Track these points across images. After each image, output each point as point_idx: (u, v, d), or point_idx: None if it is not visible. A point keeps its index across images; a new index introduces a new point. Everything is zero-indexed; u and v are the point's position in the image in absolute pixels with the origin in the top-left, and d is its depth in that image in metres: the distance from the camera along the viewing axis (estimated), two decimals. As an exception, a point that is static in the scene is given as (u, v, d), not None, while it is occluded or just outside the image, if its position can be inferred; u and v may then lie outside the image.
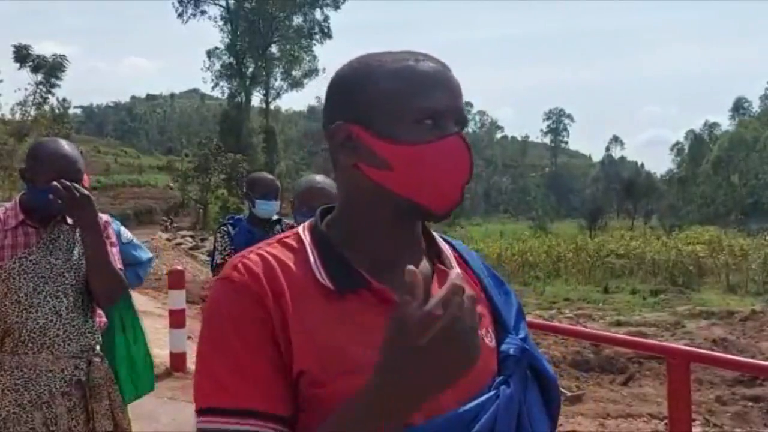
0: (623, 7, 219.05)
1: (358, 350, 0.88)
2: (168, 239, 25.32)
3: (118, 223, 2.59)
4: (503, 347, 1.00)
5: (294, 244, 0.97)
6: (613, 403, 7.45)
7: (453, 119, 0.93)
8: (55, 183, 2.15)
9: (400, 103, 0.92)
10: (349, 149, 0.95)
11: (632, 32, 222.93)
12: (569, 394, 7.60)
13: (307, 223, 1.01)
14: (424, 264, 1.00)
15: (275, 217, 3.87)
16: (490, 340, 0.99)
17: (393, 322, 0.77)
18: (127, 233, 2.61)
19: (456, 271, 0.73)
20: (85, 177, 2.34)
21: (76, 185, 2.18)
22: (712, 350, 9.38)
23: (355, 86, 0.95)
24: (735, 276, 19.28)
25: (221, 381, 0.88)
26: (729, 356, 3.66)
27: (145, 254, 2.72)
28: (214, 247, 3.83)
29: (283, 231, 3.62)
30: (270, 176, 4.02)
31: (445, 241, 1.08)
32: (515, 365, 0.98)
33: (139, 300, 10.39)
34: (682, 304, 14.79)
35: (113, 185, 41.24)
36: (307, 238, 0.97)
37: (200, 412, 0.90)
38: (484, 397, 0.93)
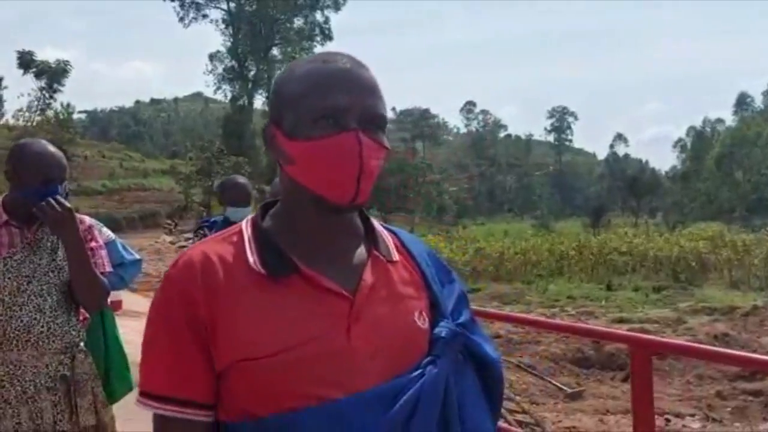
0: (626, 4, 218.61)
1: (287, 332, 0.96)
2: (171, 242, 25.48)
3: (101, 224, 2.62)
4: (436, 330, 1.05)
5: (235, 237, 1.06)
6: (613, 400, 7.47)
7: (356, 117, 0.99)
8: (42, 203, 2.22)
9: (300, 104, 1.00)
10: (272, 148, 1.06)
11: (634, 29, 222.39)
12: (569, 390, 7.63)
13: (250, 217, 1.10)
14: (361, 251, 1.06)
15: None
16: (423, 323, 1.05)
17: None
18: (108, 233, 2.63)
19: None
20: None
21: (59, 199, 2.24)
22: (714, 345, 9.40)
23: (276, 90, 1.06)
24: (738, 272, 19.23)
25: (156, 367, 1.03)
26: (692, 344, 3.67)
27: (129, 255, 2.73)
28: None
29: None
30: (242, 181, 4.05)
31: (389, 230, 1.15)
32: (445, 347, 1.03)
33: (140, 302, 10.45)
34: (685, 301, 14.76)
35: (118, 189, 41.36)
36: (248, 232, 1.06)
37: (140, 393, 1.04)
38: (408, 377, 0.98)
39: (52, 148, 2.35)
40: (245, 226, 1.07)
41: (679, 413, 6.97)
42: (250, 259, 1.01)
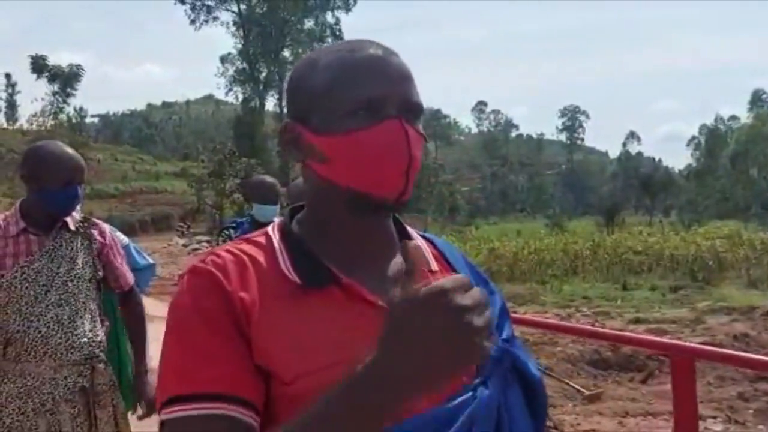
0: (638, 2, 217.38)
1: (326, 347, 0.86)
2: (184, 245, 25.60)
3: (115, 229, 2.57)
4: None
5: (263, 242, 0.95)
6: (632, 402, 7.36)
7: (394, 106, 0.90)
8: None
9: (331, 96, 0.91)
10: (296, 148, 0.95)
11: (646, 26, 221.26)
12: (587, 392, 7.52)
13: (276, 223, 1.00)
14: (398, 260, 0.97)
15: (276, 219, 3.88)
16: None
17: (394, 306, 0.74)
18: (122, 238, 2.59)
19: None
20: None
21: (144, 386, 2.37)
22: (733, 346, 9.25)
23: (296, 84, 0.96)
24: (756, 271, 18.99)
25: (186, 368, 0.85)
26: (734, 353, 3.60)
27: (143, 260, 2.67)
28: None
29: None
30: (269, 180, 4.01)
31: (425, 237, 1.06)
32: (495, 366, 0.94)
33: (154, 305, 10.45)
34: (703, 300, 14.59)
35: (131, 192, 41.66)
36: (276, 237, 0.95)
37: (163, 404, 0.85)
38: (460, 399, 0.89)
39: (70, 150, 2.32)
40: (272, 231, 0.96)
41: (701, 415, 6.84)
42: (284, 267, 0.90)
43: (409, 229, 1.03)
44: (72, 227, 2.35)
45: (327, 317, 0.88)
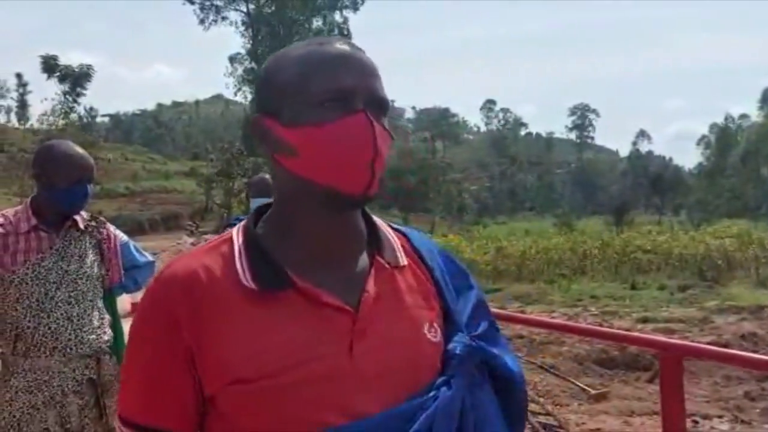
0: (647, 0, 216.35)
1: (283, 352, 0.87)
2: (193, 243, 25.64)
3: (114, 227, 2.62)
4: (449, 346, 0.96)
5: (225, 247, 0.95)
6: (638, 401, 7.35)
7: (362, 100, 0.90)
8: None
9: (301, 87, 0.91)
10: (265, 141, 0.95)
11: (656, 24, 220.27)
12: (593, 391, 7.52)
13: (242, 223, 0.99)
14: (363, 257, 0.97)
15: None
16: (434, 336, 0.96)
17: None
18: (122, 236, 2.63)
19: None
20: None
21: None
22: (741, 345, 9.20)
23: (266, 78, 0.96)
24: (765, 270, 18.87)
25: (129, 391, 0.95)
26: (724, 350, 3.60)
27: (142, 257, 2.71)
28: None
29: None
30: (267, 176, 4.10)
31: (397, 230, 1.05)
32: (460, 365, 0.94)
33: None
34: (711, 300, 14.53)
35: (141, 191, 41.82)
36: (238, 240, 0.95)
37: (119, 417, 0.96)
38: (421, 399, 0.89)
39: (79, 149, 2.37)
40: (236, 234, 0.96)
41: (708, 414, 6.84)
42: (240, 272, 0.91)
43: (379, 222, 1.02)
44: (81, 226, 2.40)
45: (285, 320, 0.89)
